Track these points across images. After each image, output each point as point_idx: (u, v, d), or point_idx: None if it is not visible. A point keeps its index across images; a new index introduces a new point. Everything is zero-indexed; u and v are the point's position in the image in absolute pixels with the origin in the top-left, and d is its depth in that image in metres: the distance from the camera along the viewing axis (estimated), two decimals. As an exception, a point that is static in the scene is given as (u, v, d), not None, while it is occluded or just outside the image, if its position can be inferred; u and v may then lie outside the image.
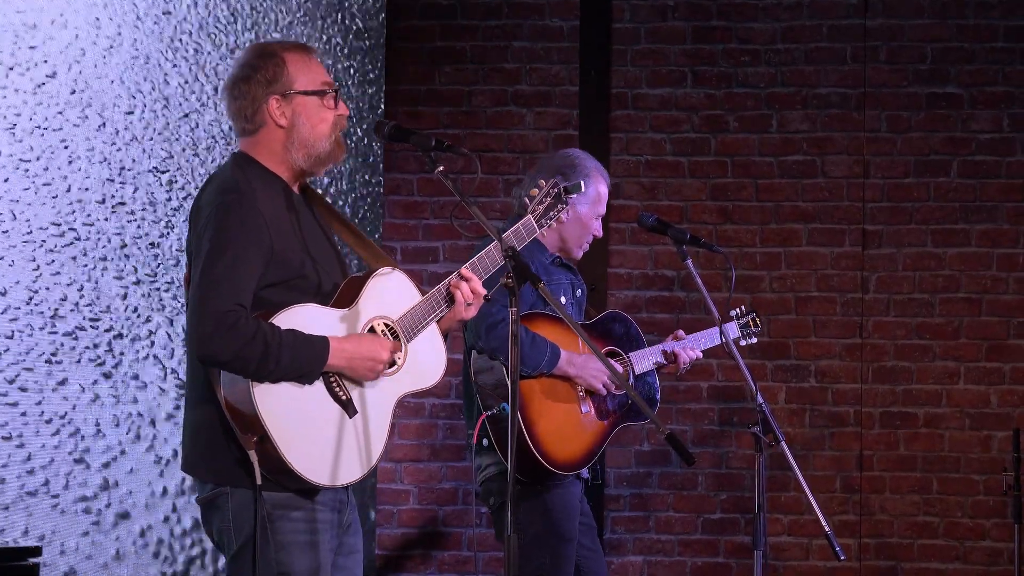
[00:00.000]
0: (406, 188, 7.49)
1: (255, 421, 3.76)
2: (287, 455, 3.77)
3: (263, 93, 3.96)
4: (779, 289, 7.38)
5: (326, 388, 3.87)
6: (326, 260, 4.00)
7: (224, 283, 3.77)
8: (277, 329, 3.78)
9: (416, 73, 7.49)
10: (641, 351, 5.48)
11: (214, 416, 3.85)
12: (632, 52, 7.47)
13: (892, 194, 7.37)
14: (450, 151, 4.03)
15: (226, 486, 3.87)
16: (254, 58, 4.00)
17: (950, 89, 7.36)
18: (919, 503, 7.28)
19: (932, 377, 7.31)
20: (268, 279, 3.86)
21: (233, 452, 3.83)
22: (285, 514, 3.87)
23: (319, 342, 3.82)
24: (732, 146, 7.42)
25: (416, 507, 7.41)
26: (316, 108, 3.99)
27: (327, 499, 3.94)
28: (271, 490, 3.84)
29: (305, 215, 4.02)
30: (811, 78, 7.40)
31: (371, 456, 3.92)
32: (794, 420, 7.33)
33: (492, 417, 5.11)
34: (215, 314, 3.74)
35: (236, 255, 3.80)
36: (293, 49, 4.04)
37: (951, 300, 7.32)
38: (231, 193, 3.88)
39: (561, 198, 4.34)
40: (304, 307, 3.87)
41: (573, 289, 5.45)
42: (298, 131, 3.98)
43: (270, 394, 3.78)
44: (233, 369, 3.77)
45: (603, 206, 5.46)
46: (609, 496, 7.35)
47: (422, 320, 4.02)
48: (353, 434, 3.88)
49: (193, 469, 3.95)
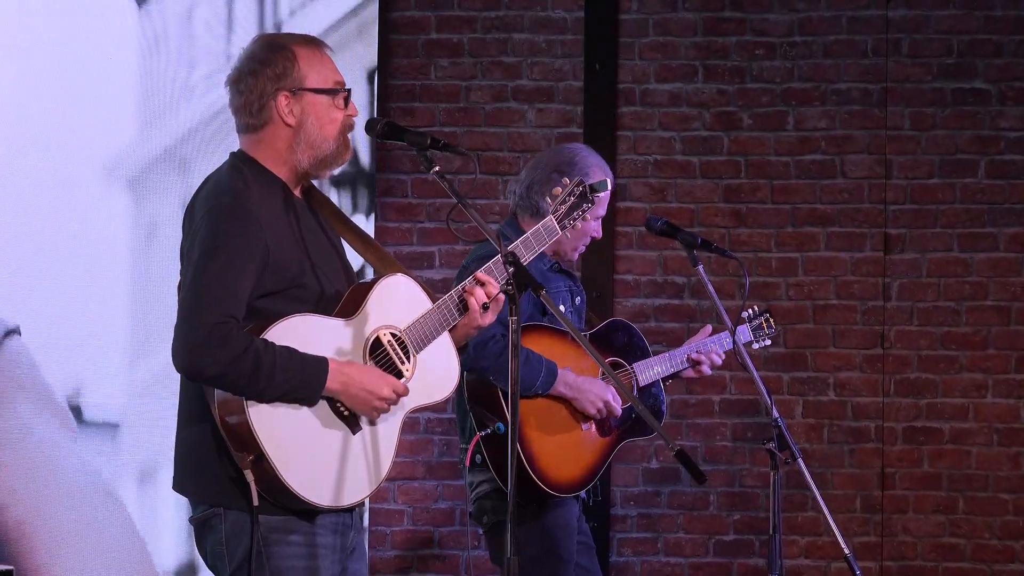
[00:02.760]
0: (400, 189, 7.49)
1: (250, 439, 3.74)
2: (285, 475, 3.75)
3: (272, 88, 3.92)
4: (796, 297, 7.39)
5: (328, 403, 3.85)
6: (329, 267, 3.97)
7: (215, 292, 3.74)
8: (272, 346, 3.74)
9: (410, 67, 7.50)
10: (645, 361, 5.48)
11: (207, 433, 3.83)
12: (640, 45, 7.48)
13: (916, 196, 7.38)
14: (447, 150, 4.01)
15: (219, 507, 3.85)
16: (263, 51, 3.96)
17: (977, 84, 7.37)
18: (944, 524, 7.28)
19: (958, 390, 7.32)
20: (265, 287, 3.83)
21: (227, 471, 3.80)
22: (282, 538, 3.84)
23: (316, 363, 3.79)
24: (746, 145, 7.43)
25: (410, 528, 7.41)
26: (326, 108, 3.96)
27: (328, 522, 3.91)
28: (267, 512, 3.82)
29: (307, 219, 3.99)
30: (830, 72, 7.41)
31: (379, 474, 3.91)
32: (812, 436, 7.33)
33: (487, 437, 5.10)
34: (204, 325, 3.70)
35: (228, 261, 3.77)
36: (304, 43, 4.00)
37: (978, 308, 7.33)
38: (225, 195, 3.85)
39: (587, 197, 4.31)
40: (302, 317, 3.83)
41: (572, 296, 5.44)
42: (306, 131, 3.94)
43: (266, 410, 3.76)
44: (220, 386, 3.74)
45: (603, 207, 5.42)
46: (615, 516, 7.35)
47: (433, 330, 3.99)
48: (358, 452, 3.86)
49: (185, 489, 3.93)
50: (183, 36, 5.85)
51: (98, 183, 5.36)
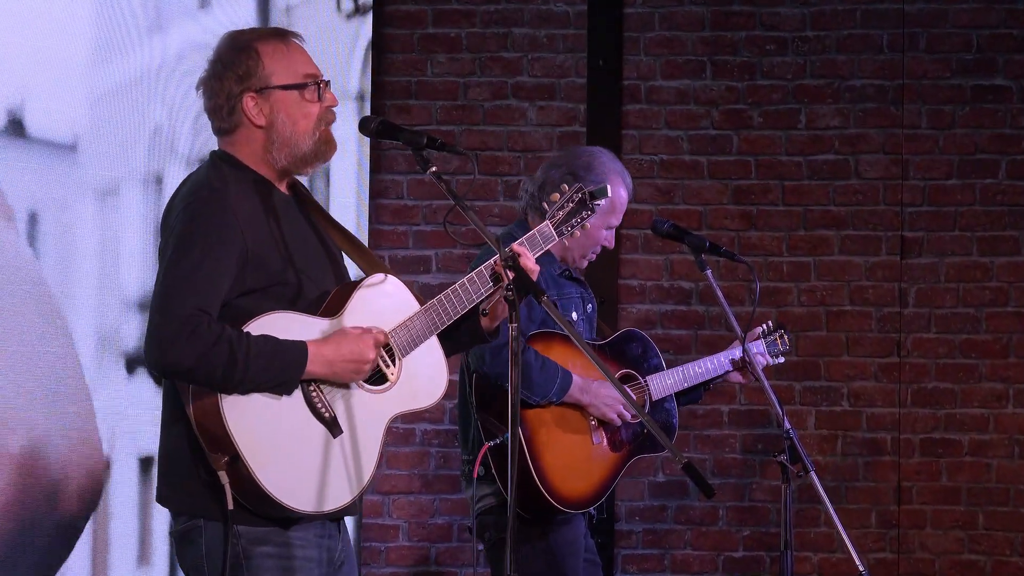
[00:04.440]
0: (395, 191, 7.49)
1: (225, 438, 3.74)
2: (260, 476, 3.75)
3: (237, 90, 3.94)
4: (808, 303, 7.38)
5: (307, 405, 3.85)
6: (313, 266, 3.97)
7: (187, 285, 3.75)
8: (246, 334, 3.76)
9: (406, 63, 7.50)
10: (659, 374, 5.47)
11: (184, 438, 3.83)
12: (645, 40, 7.47)
13: (933, 197, 7.37)
14: (444, 150, 4.01)
15: (199, 518, 3.85)
16: (227, 51, 3.98)
17: (998, 81, 7.37)
18: (963, 540, 7.28)
19: (978, 400, 7.32)
20: (245, 285, 3.84)
21: (204, 478, 3.81)
22: (263, 550, 3.84)
23: (295, 347, 3.80)
24: (756, 144, 7.43)
25: (406, 544, 7.41)
26: (297, 103, 3.97)
27: (312, 534, 3.90)
28: (247, 522, 3.82)
29: (291, 215, 4.00)
30: (843, 69, 7.41)
31: (361, 479, 3.90)
32: (825, 448, 7.33)
33: (495, 448, 5.10)
34: (175, 319, 3.71)
35: (203, 256, 3.78)
36: (269, 38, 4.01)
37: (999, 315, 7.33)
38: (202, 190, 3.88)
39: (586, 204, 4.31)
40: (280, 315, 3.85)
41: (584, 304, 5.44)
42: (278, 130, 3.95)
43: (242, 408, 3.76)
44: (197, 379, 3.75)
45: (618, 217, 5.40)
46: (620, 532, 7.35)
47: (421, 333, 4.00)
48: (339, 456, 3.86)
49: (166, 500, 3.94)
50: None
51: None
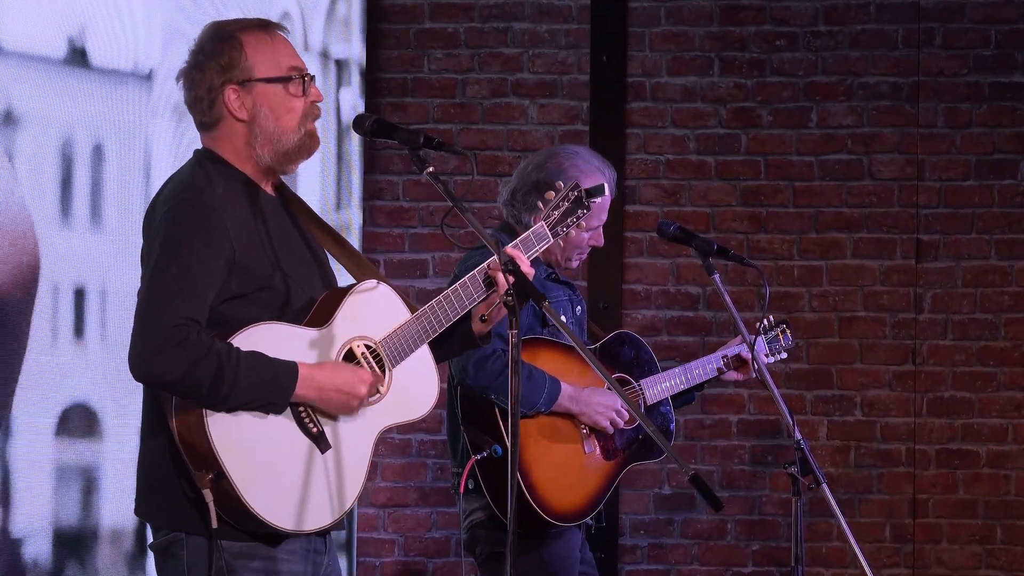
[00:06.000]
0: (390, 192, 7.49)
1: (209, 455, 3.74)
2: (245, 495, 3.75)
3: (219, 82, 3.94)
4: (820, 308, 7.38)
5: (294, 418, 3.85)
6: (301, 271, 3.97)
7: (173, 293, 3.74)
8: (236, 349, 3.75)
9: (402, 59, 7.50)
10: (654, 377, 5.48)
11: (166, 452, 3.83)
12: (650, 35, 7.47)
13: (950, 198, 7.37)
14: (441, 149, 4.00)
15: (180, 532, 3.85)
16: (209, 42, 3.98)
17: (1016, 78, 7.37)
18: (981, 555, 7.28)
19: (996, 410, 7.31)
20: (231, 291, 3.83)
21: (187, 492, 3.81)
22: (245, 564, 3.84)
23: (286, 367, 3.79)
24: (766, 144, 7.42)
25: (401, 559, 7.41)
26: (281, 97, 3.96)
27: (296, 548, 3.90)
28: (230, 537, 3.82)
29: (278, 218, 4.00)
30: (857, 65, 7.40)
31: (345, 499, 3.90)
32: (837, 459, 7.33)
33: (482, 461, 5.10)
34: (161, 328, 3.70)
35: (190, 262, 3.77)
36: (253, 28, 4.00)
37: (1018, 321, 7.33)
38: (187, 192, 3.86)
39: (583, 203, 4.31)
40: (268, 326, 3.84)
41: (572, 306, 5.44)
42: (260, 124, 3.95)
43: (227, 424, 3.76)
44: (181, 392, 3.74)
45: (598, 218, 5.35)
46: (624, 547, 7.35)
47: (411, 342, 3.99)
48: (324, 472, 3.86)
49: (145, 513, 3.94)
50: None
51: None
